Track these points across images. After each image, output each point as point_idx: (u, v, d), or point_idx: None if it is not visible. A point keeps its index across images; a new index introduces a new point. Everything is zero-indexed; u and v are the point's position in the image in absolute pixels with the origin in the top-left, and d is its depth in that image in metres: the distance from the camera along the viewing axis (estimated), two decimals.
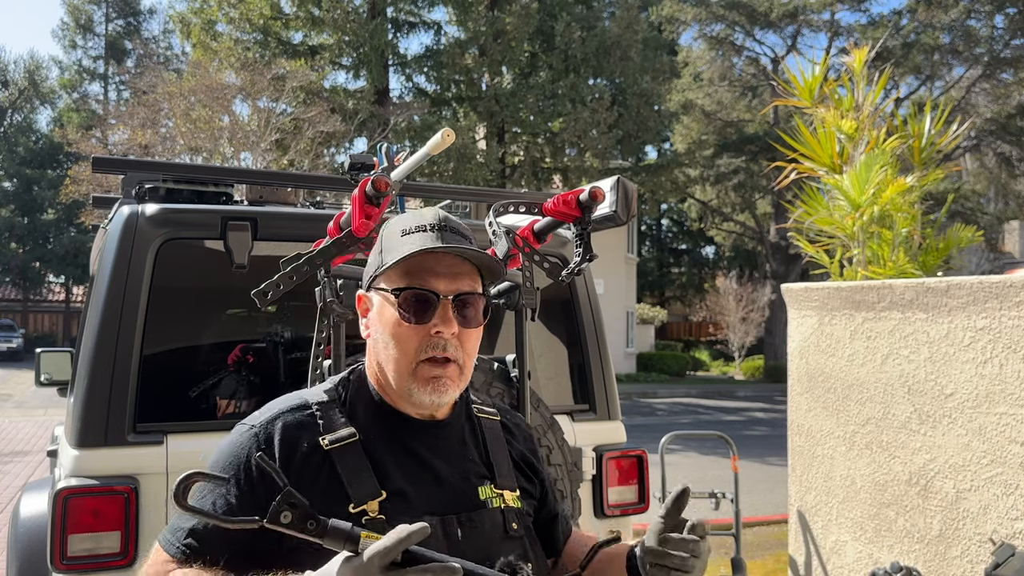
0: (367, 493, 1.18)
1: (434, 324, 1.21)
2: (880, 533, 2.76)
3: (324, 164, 17.42)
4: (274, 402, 1.29)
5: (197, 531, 1.17)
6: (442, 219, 1.26)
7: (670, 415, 16.93)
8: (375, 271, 1.28)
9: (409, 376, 1.23)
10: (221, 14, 20.01)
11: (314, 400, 1.27)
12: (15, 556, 2.76)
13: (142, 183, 2.73)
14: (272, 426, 1.22)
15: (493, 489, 1.29)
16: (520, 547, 1.26)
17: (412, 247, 1.22)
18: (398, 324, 1.22)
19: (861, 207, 3.22)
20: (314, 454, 1.20)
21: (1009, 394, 2.29)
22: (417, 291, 1.22)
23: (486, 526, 1.24)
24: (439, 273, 1.23)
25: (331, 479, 1.18)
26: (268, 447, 1.20)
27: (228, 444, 1.24)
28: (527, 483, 1.39)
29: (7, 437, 11.45)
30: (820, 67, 3.57)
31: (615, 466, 2.89)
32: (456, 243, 1.24)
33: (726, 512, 5.23)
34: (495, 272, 1.30)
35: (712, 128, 26.42)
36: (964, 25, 23.64)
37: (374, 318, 1.28)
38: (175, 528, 1.20)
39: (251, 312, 2.67)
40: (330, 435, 1.22)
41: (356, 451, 1.21)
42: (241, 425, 1.26)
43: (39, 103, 37.70)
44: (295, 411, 1.25)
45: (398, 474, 1.22)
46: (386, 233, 1.30)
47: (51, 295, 37.38)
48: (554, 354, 3.05)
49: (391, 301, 1.23)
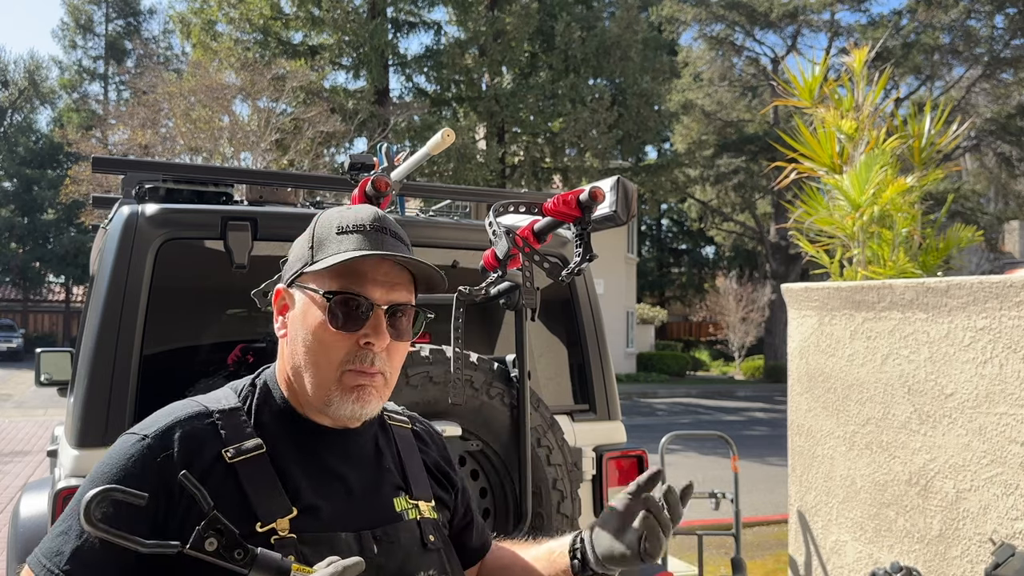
0: (276, 510, 1.08)
1: (364, 334, 1.12)
2: (880, 533, 2.76)
3: (324, 164, 17.42)
4: (167, 409, 1.16)
5: (81, 554, 1.02)
6: (380, 219, 1.18)
7: (670, 415, 16.94)
8: (302, 267, 1.17)
9: (332, 384, 1.12)
10: (221, 14, 20.01)
11: (215, 407, 1.15)
12: (15, 556, 2.76)
13: (142, 183, 2.73)
14: (168, 436, 1.09)
15: (408, 500, 1.22)
16: (437, 560, 1.20)
17: (349, 248, 1.13)
18: (324, 329, 1.12)
19: (861, 207, 3.22)
20: (216, 467, 1.09)
21: (1009, 394, 2.29)
22: (351, 297, 1.12)
23: (402, 539, 1.17)
24: (376, 280, 1.13)
25: (236, 495, 1.07)
26: (165, 460, 1.07)
27: (115, 457, 1.09)
28: (442, 492, 1.32)
29: (7, 437, 11.45)
30: (820, 67, 3.57)
31: (615, 466, 2.89)
32: (395, 249, 1.15)
33: (726, 512, 5.23)
34: (435, 285, 1.20)
35: (712, 128, 26.44)
36: (964, 25, 23.65)
37: (295, 318, 1.16)
38: (52, 552, 1.04)
39: (251, 312, 2.67)
40: (234, 446, 1.11)
41: (263, 464, 1.11)
42: (129, 435, 1.11)
43: (39, 103, 37.72)
44: (193, 419, 1.12)
45: (309, 488, 1.13)
46: (319, 227, 1.19)
47: (51, 295, 37.39)
48: (554, 354, 3.05)
49: (319, 303, 1.13)
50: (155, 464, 1.07)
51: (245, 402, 1.19)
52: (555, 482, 2.43)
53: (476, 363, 2.32)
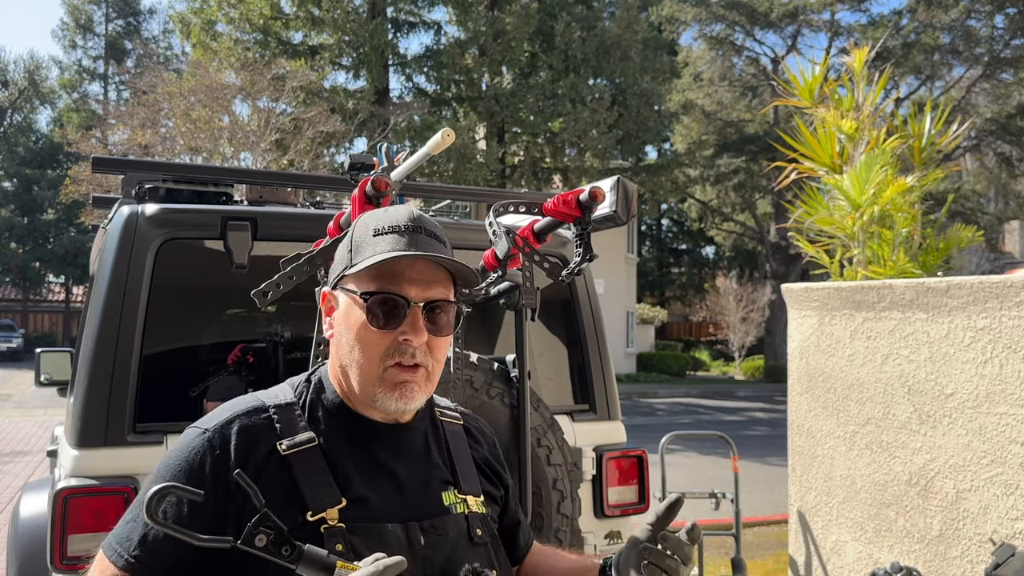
0: (326, 500, 1.13)
1: (402, 331, 1.16)
2: (880, 533, 2.76)
3: (324, 164, 17.42)
4: (228, 404, 1.23)
5: (147, 542, 1.10)
6: (416, 219, 1.22)
7: (670, 415, 16.93)
8: (343, 270, 1.22)
9: (375, 381, 1.18)
10: (221, 14, 20.01)
11: (271, 403, 1.21)
12: (15, 556, 2.76)
13: (142, 183, 2.73)
14: (227, 430, 1.16)
15: (457, 494, 1.25)
16: (484, 553, 1.23)
17: (385, 249, 1.17)
18: (365, 328, 1.17)
19: (861, 207, 3.22)
20: (271, 459, 1.14)
21: (1009, 394, 2.29)
22: (387, 296, 1.16)
23: (450, 532, 1.20)
24: (411, 279, 1.18)
25: (288, 486, 1.13)
26: (223, 452, 1.14)
27: (179, 449, 1.16)
28: (491, 487, 1.35)
29: (7, 437, 11.45)
30: (820, 67, 3.57)
31: (615, 466, 2.89)
32: (431, 247, 1.20)
33: (726, 512, 5.23)
34: (469, 280, 1.24)
35: (712, 128, 26.43)
36: (964, 25, 23.65)
37: (340, 318, 1.22)
38: (123, 537, 1.12)
39: (251, 312, 2.67)
40: (288, 440, 1.16)
41: (315, 456, 1.16)
42: (193, 428, 1.19)
43: (39, 103, 37.72)
44: (251, 414, 1.19)
45: (359, 480, 1.17)
46: (357, 230, 1.24)
47: (51, 295, 37.40)
48: (554, 354, 3.05)
49: (359, 304, 1.18)
50: (215, 456, 1.13)
51: (300, 398, 1.24)
52: (555, 482, 2.43)
53: (476, 363, 2.32)
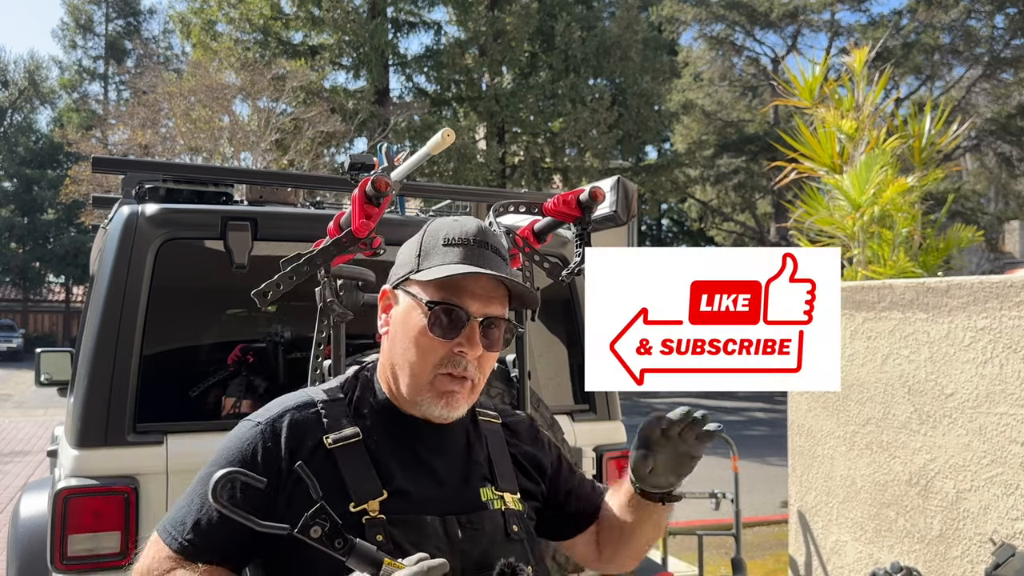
0: (368, 492, 1.18)
1: (459, 343, 1.22)
2: (880, 533, 2.76)
3: (324, 164, 17.41)
4: (280, 399, 1.29)
5: (201, 526, 1.16)
6: (483, 233, 1.27)
7: None
8: (408, 273, 1.27)
9: (425, 386, 1.23)
10: (221, 14, 19.99)
11: (319, 398, 1.27)
12: (15, 556, 2.75)
13: (142, 183, 2.73)
14: (279, 423, 1.22)
15: (494, 491, 1.30)
16: (520, 549, 1.26)
17: (453, 260, 1.23)
18: (424, 334, 1.22)
19: (861, 207, 3.22)
20: (318, 452, 1.20)
21: (1009, 394, 2.29)
22: (451, 307, 1.22)
23: (487, 527, 1.24)
24: (475, 294, 1.23)
25: (333, 477, 1.18)
26: (274, 444, 1.20)
27: (234, 440, 1.23)
28: (529, 483, 1.39)
29: (7, 437, 11.45)
30: (820, 67, 3.57)
31: (615, 466, 2.89)
32: (495, 264, 1.25)
33: (726, 512, 5.22)
34: (528, 302, 1.31)
35: (712, 128, 26.42)
36: (964, 25, 23.63)
37: (398, 318, 1.27)
38: (177, 521, 1.19)
39: (251, 312, 2.67)
40: (334, 433, 1.22)
41: (359, 450, 1.22)
42: (247, 421, 1.26)
43: (39, 103, 37.68)
44: (301, 408, 1.25)
45: (400, 474, 1.22)
46: (427, 237, 1.28)
47: (51, 295, 37.37)
48: (554, 354, 3.05)
49: (422, 309, 1.23)
50: (265, 448, 1.20)
51: (347, 394, 1.30)
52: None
53: None
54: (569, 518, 1.45)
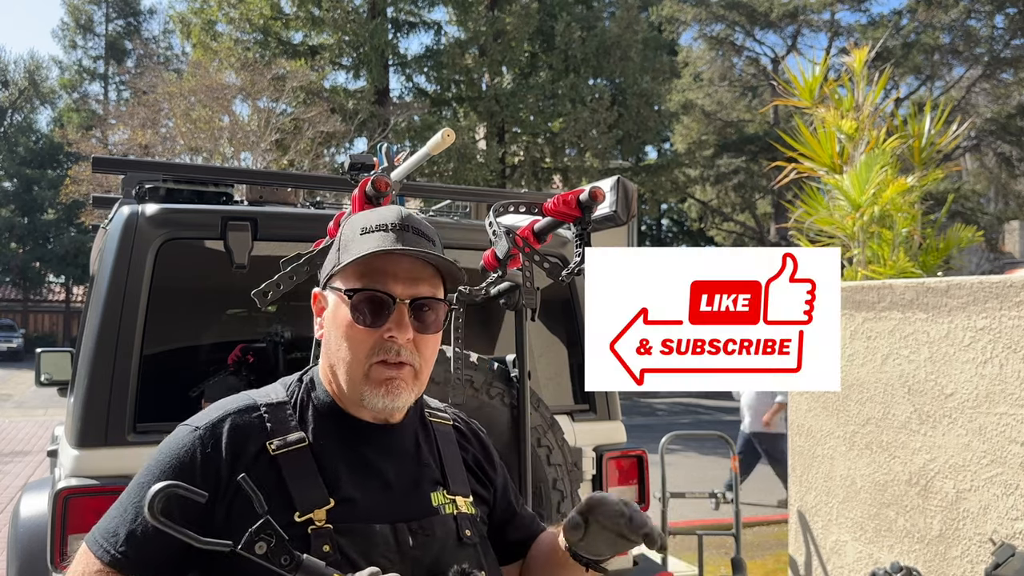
0: (314, 501, 1.12)
1: (388, 328, 1.17)
2: (880, 533, 2.76)
3: (324, 164, 17.42)
4: (220, 402, 1.22)
5: (135, 538, 1.09)
6: (404, 218, 1.22)
7: (670, 415, 16.93)
8: (331, 269, 1.22)
9: (361, 379, 1.18)
10: (221, 14, 19.99)
11: (263, 402, 1.21)
12: (15, 556, 2.76)
13: (142, 183, 2.73)
14: (219, 428, 1.15)
15: (446, 495, 1.25)
16: (473, 554, 1.22)
17: (371, 247, 1.17)
18: (351, 326, 1.17)
19: (861, 207, 3.22)
20: (260, 459, 1.14)
21: (1009, 394, 2.29)
22: (372, 293, 1.17)
23: (438, 533, 1.20)
24: (397, 276, 1.18)
25: (277, 485, 1.11)
26: (214, 451, 1.13)
27: (170, 446, 1.15)
28: (480, 488, 1.34)
29: (7, 437, 11.46)
30: (820, 67, 3.57)
31: (615, 466, 2.89)
32: (418, 245, 1.19)
33: (726, 512, 5.22)
34: (457, 278, 1.25)
35: (712, 128, 26.41)
36: (964, 25, 23.63)
37: (328, 318, 1.23)
38: (109, 532, 1.11)
39: (251, 312, 2.67)
40: (278, 439, 1.16)
41: (304, 456, 1.16)
42: (184, 426, 1.18)
43: (39, 103, 37.69)
44: (243, 413, 1.18)
45: (348, 481, 1.17)
46: (345, 230, 1.24)
47: (51, 295, 37.38)
48: (554, 354, 3.05)
49: (345, 302, 1.18)
50: (204, 454, 1.13)
51: (292, 397, 1.24)
52: (555, 482, 2.43)
53: (476, 363, 2.32)
54: (503, 547, 1.36)
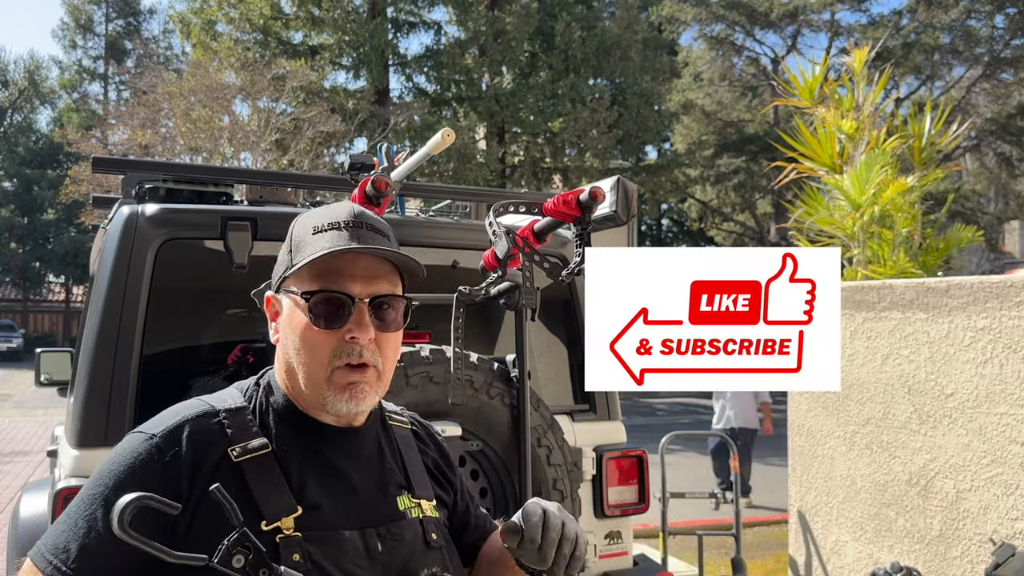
0: (281, 509, 1.08)
1: (348, 329, 1.12)
2: (880, 533, 2.76)
3: (324, 164, 17.42)
4: (175, 408, 1.15)
5: (87, 552, 1.03)
6: (357, 215, 1.17)
7: (670, 415, 16.93)
8: (284, 272, 1.17)
9: (324, 384, 1.13)
10: (221, 14, 20.00)
11: (221, 407, 1.15)
12: (15, 556, 2.76)
13: (142, 183, 2.72)
14: (176, 435, 1.09)
15: (411, 499, 1.23)
16: (440, 558, 1.21)
17: (324, 246, 1.13)
18: (308, 329, 1.12)
19: (861, 207, 3.22)
20: (222, 466, 1.09)
21: (1009, 394, 2.28)
22: (329, 294, 1.12)
23: (406, 537, 1.17)
24: (354, 275, 1.13)
25: (241, 493, 1.06)
26: (173, 460, 1.07)
27: (123, 455, 1.08)
28: (441, 491, 1.32)
29: (7, 437, 11.46)
30: (820, 67, 3.57)
31: (615, 466, 2.89)
32: (373, 242, 1.15)
33: (726, 512, 5.23)
34: (415, 273, 1.20)
35: (712, 128, 26.42)
36: (964, 25, 23.63)
37: (284, 322, 1.18)
38: (57, 548, 1.04)
39: (251, 312, 2.67)
40: (240, 445, 1.11)
41: (268, 463, 1.11)
42: (137, 434, 1.11)
43: (39, 103, 37.69)
44: (201, 419, 1.12)
45: (314, 487, 1.13)
46: (296, 230, 1.19)
47: (51, 295, 37.38)
48: (554, 354, 3.05)
49: (301, 305, 1.13)
50: (163, 463, 1.07)
51: (251, 402, 1.19)
52: (555, 482, 2.43)
53: (476, 363, 2.32)
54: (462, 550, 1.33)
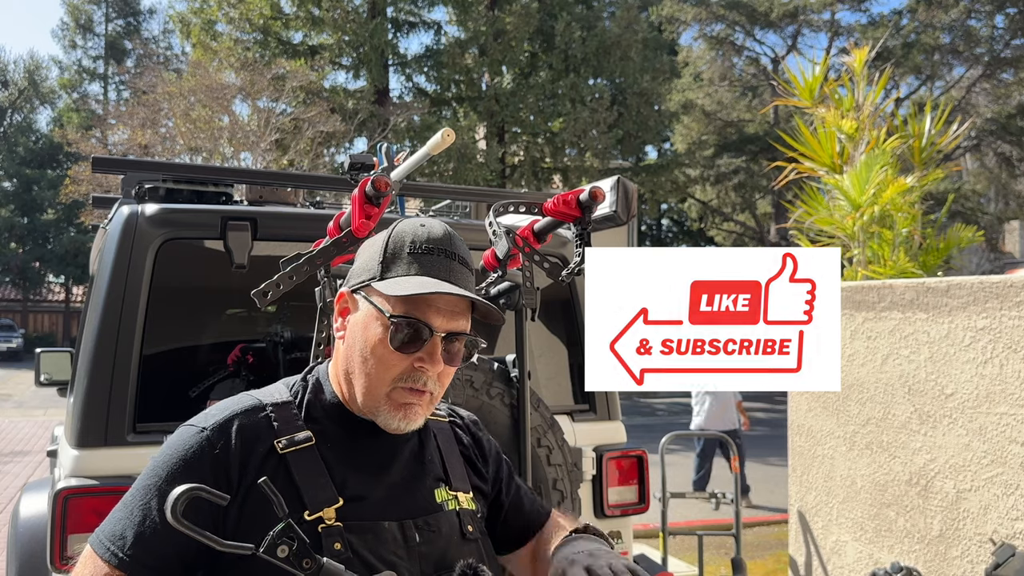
0: (323, 499, 1.13)
1: (420, 357, 1.16)
2: (880, 533, 2.76)
3: (324, 164, 17.42)
4: (225, 403, 1.21)
5: (143, 539, 1.09)
6: (451, 243, 1.21)
7: (670, 415, 16.94)
8: (370, 278, 1.20)
9: (382, 398, 1.18)
10: (221, 14, 20.00)
11: (268, 401, 1.21)
12: (15, 556, 2.76)
13: (142, 183, 2.73)
14: (227, 429, 1.15)
15: (448, 491, 1.27)
16: (476, 549, 1.24)
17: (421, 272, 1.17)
18: (383, 345, 1.16)
19: (861, 207, 3.22)
20: (269, 458, 1.14)
21: (1009, 394, 2.28)
22: (414, 322, 1.15)
23: (443, 529, 1.21)
24: (440, 309, 1.17)
25: (286, 484, 1.11)
26: (223, 452, 1.12)
27: (175, 448, 1.14)
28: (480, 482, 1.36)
29: (7, 437, 11.46)
30: (820, 67, 3.57)
31: (615, 466, 2.89)
32: (463, 276, 1.20)
33: (726, 512, 5.23)
34: (492, 319, 1.24)
35: (712, 128, 26.41)
36: (964, 25, 23.63)
37: (356, 325, 1.21)
38: (115, 535, 1.11)
39: (251, 312, 2.67)
40: (285, 438, 1.16)
41: (312, 455, 1.16)
42: (189, 427, 1.17)
43: (39, 103, 37.68)
44: (249, 413, 1.18)
45: (355, 479, 1.18)
46: (392, 241, 1.21)
47: (51, 295, 37.38)
48: (554, 354, 3.05)
49: (382, 321, 1.16)
50: (214, 456, 1.12)
51: (296, 397, 1.24)
52: (555, 482, 2.43)
53: (476, 363, 2.32)
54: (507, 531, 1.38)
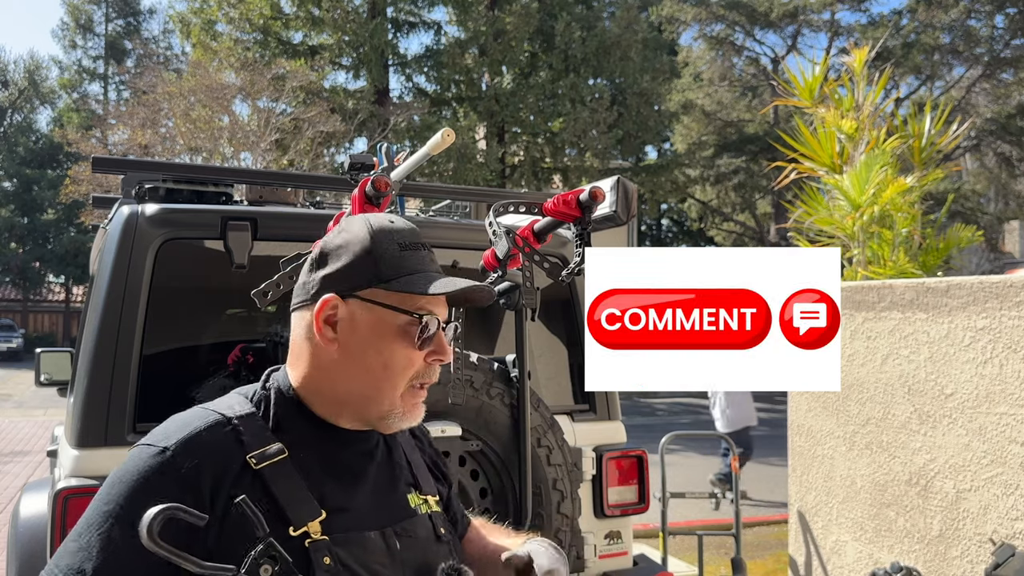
0: (306, 514, 1.08)
1: (433, 351, 1.15)
2: (880, 533, 2.76)
3: (324, 164, 17.42)
4: (182, 418, 1.12)
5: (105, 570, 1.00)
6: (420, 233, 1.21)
7: (670, 415, 16.94)
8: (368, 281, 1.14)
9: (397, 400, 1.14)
10: (221, 14, 20.00)
11: (232, 414, 1.12)
12: (15, 556, 2.76)
13: (142, 183, 2.72)
14: (191, 446, 1.06)
15: (419, 496, 1.25)
16: (448, 551, 1.23)
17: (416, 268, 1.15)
18: (408, 346, 1.13)
19: (861, 207, 3.22)
20: (243, 475, 1.07)
21: (1009, 394, 2.29)
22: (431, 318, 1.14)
23: (421, 534, 1.20)
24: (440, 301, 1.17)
25: (265, 501, 1.05)
26: (192, 471, 1.04)
27: (133, 471, 1.05)
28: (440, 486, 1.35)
29: (7, 437, 11.46)
30: (820, 67, 3.57)
31: (615, 466, 2.89)
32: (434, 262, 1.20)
33: (726, 512, 5.23)
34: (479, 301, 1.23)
35: (712, 128, 26.42)
36: (964, 25, 23.63)
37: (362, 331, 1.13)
38: (72, 569, 1.01)
39: (251, 312, 2.67)
40: (257, 452, 1.09)
41: (287, 469, 1.10)
42: (146, 447, 1.08)
43: (39, 103, 37.69)
44: (214, 428, 1.09)
45: (333, 490, 1.13)
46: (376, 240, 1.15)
47: (51, 295, 37.39)
48: (554, 354, 3.05)
49: (402, 322, 1.13)
50: (179, 476, 1.04)
51: (260, 408, 1.16)
52: (555, 482, 2.43)
53: (476, 363, 2.32)
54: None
